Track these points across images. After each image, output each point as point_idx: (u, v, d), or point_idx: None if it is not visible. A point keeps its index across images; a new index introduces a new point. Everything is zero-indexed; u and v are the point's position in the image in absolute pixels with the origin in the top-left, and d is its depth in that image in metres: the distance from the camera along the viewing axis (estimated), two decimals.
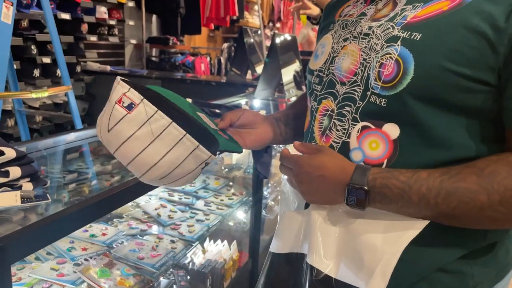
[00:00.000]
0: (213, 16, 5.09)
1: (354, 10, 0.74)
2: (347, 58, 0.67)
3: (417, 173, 0.58)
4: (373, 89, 0.62)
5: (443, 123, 0.58)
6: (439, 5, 0.60)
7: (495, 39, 0.54)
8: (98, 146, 1.62)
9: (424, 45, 0.58)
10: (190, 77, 3.61)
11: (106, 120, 0.62)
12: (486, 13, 0.55)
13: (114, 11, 3.61)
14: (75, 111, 2.25)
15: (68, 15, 2.98)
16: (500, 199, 0.54)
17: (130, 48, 4.18)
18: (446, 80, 0.56)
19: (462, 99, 0.57)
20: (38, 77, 2.87)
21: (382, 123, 0.61)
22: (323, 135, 0.69)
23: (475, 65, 0.55)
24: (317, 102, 0.71)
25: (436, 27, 0.58)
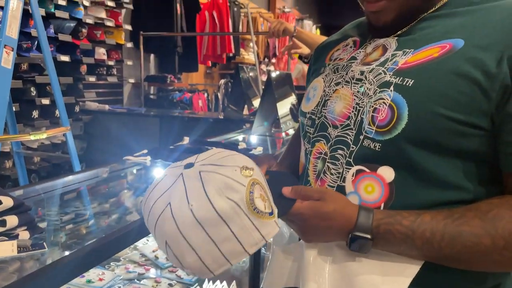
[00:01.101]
0: (210, 53, 5.21)
1: (344, 54, 0.76)
2: (340, 102, 0.68)
3: (420, 216, 0.58)
4: (366, 133, 0.63)
5: (438, 166, 0.59)
6: (429, 51, 0.62)
7: (487, 85, 0.56)
8: (95, 186, 1.63)
9: (416, 91, 0.59)
10: (188, 114, 3.65)
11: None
12: (477, 60, 0.57)
13: (113, 52, 3.70)
14: (73, 152, 2.26)
15: (68, 57, 3.04)
16: (505, 243, 0.54)
17: (129, 87, 4.25)
18: (440, 125, 0.57)
19: (457, 143, 0.58)
20: (37, 118, 2.90)
21: (376, 166, 0.62)
22: (318, 179, 0.69)
23: (468, 110, 0.57)
24: (311, 145, 0.72)
25: (428, 73, 0.60)
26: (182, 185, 0.55)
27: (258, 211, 0.56)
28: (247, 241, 0.54)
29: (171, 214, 0.53)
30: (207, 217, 0.52)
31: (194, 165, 0.58)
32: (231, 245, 0.54)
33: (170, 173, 0.59)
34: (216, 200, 0.53)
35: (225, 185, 0.54)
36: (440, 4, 0.66)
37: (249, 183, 0.56)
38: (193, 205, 0.53)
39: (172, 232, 0.53)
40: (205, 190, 0.53)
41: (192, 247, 0.53)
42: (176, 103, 4.49)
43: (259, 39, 6.62)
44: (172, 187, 0.55)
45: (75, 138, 3.13)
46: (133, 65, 4.12)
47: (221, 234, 0.53)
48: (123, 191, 1.66)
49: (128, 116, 3.47)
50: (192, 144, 1.98)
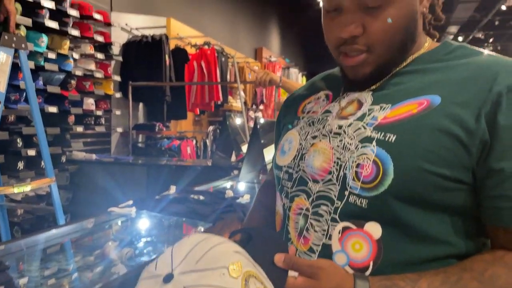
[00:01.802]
0: (198, 101, 5.30)
1: (317, 107, 0.76)
2: (319, 156, 0.67)
3: (416, 284, 0.56)
4: (352, 189, 0.62)
5: (426, 222, 0.59)
6: (407, 107, 0.63)
7: (467, 140, 0.58)
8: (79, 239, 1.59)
9: (400, 147, 0.60)
10: (175, 161, 3.65)
11: None
12: (456, 116, 0.59)
13: (101, 102, 3.73)
14: (58, 204, 2.22)
15: (56, 108, 3.06)
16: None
17: (117, 136, 4.26)
18: (426, 181, 0.58)
19: (443, 198, 0.59)
20: (22, 170, 2.86)
21: (363, 222, 0.61)
22: (300, 236, 0.67)
23: (452, 165, 0.58)
24: (289, 200, 0.70)
25: (410, 129, 0.61)
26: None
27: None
28: None
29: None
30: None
31: (174, 276, 0.51)
32: None
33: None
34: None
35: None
36: (410, 60, 0.69)
37: (242, 284, 0.51)
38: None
39: None
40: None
41: None
42: (165, 151, 4.49)
43: (247, 86, 6.78)
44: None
45: (61, 188, 3.08)
46: (122, 114, 4.15)
47: None
48: (107, 244, 1.62)
49: (115, 165, 3.45)
50: (178, 193, 1.96)
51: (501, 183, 0.57)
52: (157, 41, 4.35)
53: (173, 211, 1.66)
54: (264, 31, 8.97)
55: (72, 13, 3.18)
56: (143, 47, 4.31)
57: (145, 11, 4.72)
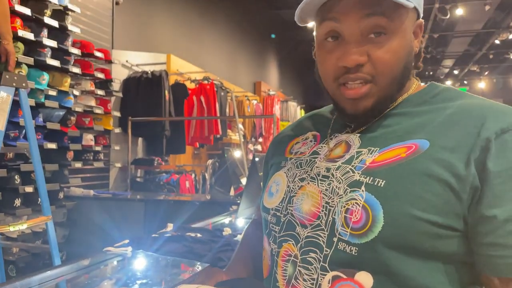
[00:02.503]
0: (197, 135, 5.33)
1: (304, 148, 0.74)
2: (307, 200, 0.66)
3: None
4: (340, 235, 0.60)
5: (417, 271, 0.57)
6: (396, 151, 0.62)
7: (458, 186, 0.57)
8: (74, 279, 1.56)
9: (389, 192, 0.58)
10: (173, 196, 3.63)
11: None
12: (446, 162, 0.58)
13: (100, 138, 3.75)
14: (54, 243, 2.19)
15: (55, 145, 3.07)
16: None
17: (115, 171, 4.25)
18: (416, 228, 0.57)
19: (433, 246, 0.57)
20: (19, 207, 2.84)
21: (354, 271, 0.59)
22: (289, 285, 0.65)
23: (442, 212, 0.57)
24: (277, 245, 0.68)
25: (399, 174, 0.59)
26: None
27: None
28: None
29: None
30: None
31: None
32: None
33: None
34: None
35: None
36: (398, 102, 0.69)
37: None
38: None
39: None
40: None
41: None
42: (163, 185, 4.48)
43: (246, 120, 6.83)
44: None
45: (58, 225, 3.05)
46: (121, 149, 4.17)
47: None
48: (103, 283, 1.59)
49: (113, 201, 3.43)
50: (175, 231, 1.94)
51: (493, 231, 0.56)
52: (157, 76, 4.42)
53: (170, 250, 1.64)
54: (262, 66, 9.14)
55: (74, 52, 3.25)
56: (143, 83, 4.38)
57: (145, 48, 4.83)
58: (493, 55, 10.89)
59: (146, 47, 4.86)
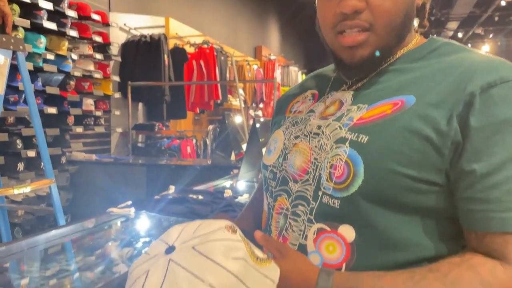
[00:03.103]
0: (197, 101, 5.31)
1: (303, 106, 0.76)
2: (299, 156, 0.68)
3: (380, 280, 0.56)
4: (325, 189, 0.62)
5: (397, 225, 0.59)
6: (382, 108, 0.63)
7: (439, 142, 0.57)
8: (79, 240, 1.60)
9: (371, 148, 0.60)
10: (175, 161, 3.66)
11: None
12: (428, 117, 0.58)
13: (100, 103, 3.74)
14: (58, 206, 2.23)
15: (55, 109, 3.07)
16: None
17: (116, 136, 4.26)
18: (396, 182, 0.58)
19: (414, 200, 0.58)
20: (22, 171, 2.88)
21: (337, 225, 0.61)
22: (280, 236, 0.68)
23: (422, 167, 0.57)
24: (273, 199, 0.71)
25: (382, 130, 0.60)
26: (181, 269, 0.51)
27: (260, 260, 0.56)
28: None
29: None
30: (228, 284, 0.51)
31: (176, 247, 0.54)
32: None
33: (151, 268, 0.54)
34: (228, 264, 0.52)
35: (227, 248, 0.53)
36: (396, 57, 0.68)
37: (242, 237, 0.56)
38: (209, 279, 0.50)
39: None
40: (213, 260, 0.51)
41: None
42: (164, 151, 4.50)
43: (247, 85, 6.77)
44: (169, 277, 0.51)
45: (61, 189, 3.09)
46: (121, 115, 4.16)
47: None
48: (107, 244, 1.63)
49: (114, 165, 3.46)
50: (177, 193, 1.97)
51: (472, 185, 0.56)
52: (156, 40, 4.35)
53: (172, 211, 1.67)
54: (263, 30, 8.96)
55: (70, 14, 3.19)
56: (142, 47, 4.31)
57: (143, 11, 4.72)
58: (498, 17, 10.65)
59: (144, 10, 4.75)
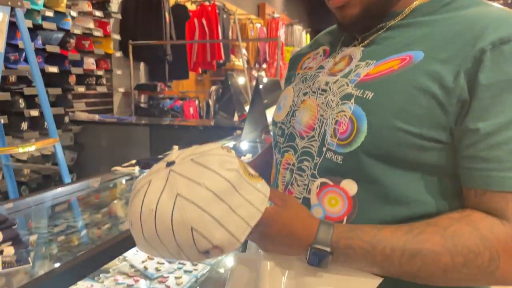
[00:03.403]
0: (200, 60, 5.23)
1: (313, 63, 0.75)
2: (306, 113, 0.68)
3: (380, 231, 0.57)
4: (329, 145, 0.63)
5: (399, 180, 0.59)
6: (390, 63, 0.61)
7: (445, 99, 0.56)
8: (84, 198, 1.63)
9: (375, 104, 0.59)
10: (178, 122, 3.66)
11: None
12: (435, 73, 0.56)
13: (102, 62, 3.69)
14: (63, 164, 2.25)
15: (56, 68, 3.04)
16: (464, 261, 0.54)
17: (119, 96, 4.24)
18: (398, 139, 0.57)
19: (417, 157, 0.58)
20: (26, 130, 2.89)
21: (340, 179, 0.62)
22: (286, 189, 0.69)
23: (426, 124, 0.56)
24: (281, 155, 0.73)
25: (387, 86, 0.59)
26: (180, 177, 0.56)
27: (252, 175, 0.60)
28: (256, 201, 0.57)
29: (187, 201, 0.54)
30: (222, 188, 0.55)
31: (176, 161, 0.58)
32: (246, 209, 0.56)
33: (153, 178, 0.58)
34: (222, 172, 0.56)
35: (222, 160, 0.57)
36: (408, 12, 0.65)
37: (236, 156, 0.60)
38: (205, 183, 0.55)
39: (196, 215, 0.54)
40: (209, 168, 0.56)
41: (217, 221, 0.54)
42: (167, 111, 4.49)
43: (249, 44, 6.65)
44: (170, 184, 0.55)
45: (66, 148, 3.12)
46: (123, 74, 4.12)
47: (236, 201, 0.55)
48: (112, 202, 1.66)
49: (118, 125, 3.47)
50: None
51: (475, 144, 0.55)
52: None
53: None
54: None
55: None
56: (142, 4, 4.20)
57: None
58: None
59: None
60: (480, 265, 0.54)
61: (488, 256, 0.53)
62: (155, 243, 0.57)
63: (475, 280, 0.55)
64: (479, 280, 0.55)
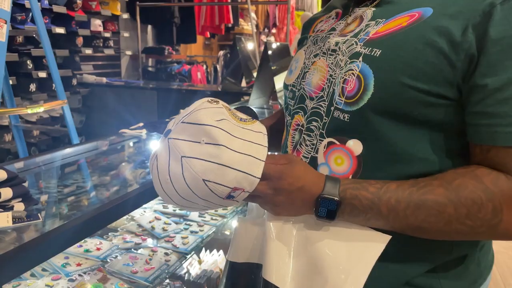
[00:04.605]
0: (208, 24, 5.14)
1: (325, 25, 0.76)
2: (316, 74, 0.69)
3: (386, 184, 0.58)
4: (337, 104, 0.63)
5: (405, 138, 0.59)
6: (399, 20, 0.61)
7: (452, 54, 0.55)
8: (93, 159, 1.65)
9: (383, 61, 0.59)
10: (186, 86, 3.64)
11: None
12: (443, 28, 0.56)
13: (109, 24, 3.65)
14: (71, 125, 2.27)
15: (63, 29, 3.01)
16: (467, 212, 0.54)
17: (126, 59, 4.21)
18: (405, 95, 0.57)
19: (423, 114, 0.58)
20: (35, 92, 2.90)
21: (345, 139, 0.63)
22: (295, 150, 0.70)
23: (433, 80, 0.56)
24: (291, 117, 0.73)
25: (395, 43, 0.59)
26: (179, 141, 0.58)
27: (244, 120, 0.62)
28: (257, 140, 0.60)
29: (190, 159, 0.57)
30: (222, 137, 0.57)
31: (171, 129, 0.61)
32: (250, 147, 0.59)
33: (158, 152, 0.61)
34: (217, 123, 0.58)
35: (210, 113, 0.60)
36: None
37: (224, 105, 0.63)
38: (204, 140, 0.57)
39: (202, 167, 0.56)
40: (203, 124, 0.58)
41: (224, 165, 0.57)
42: (175, 75, 4.47)
43: (259, 8, 6.50)
44: (172, 150, 0.58)
45: (74, 111, 3.14)
46: (130, 37, 4.07)
47: (236, 144, 0.58)
48: (120, 164, 1.68)
49: (125, 89, 3.47)
50: None
51: (483, 100, 0.55)
52: None
53: None
54: None
55: None
56: None
57: None
58: None
59: None
60: (483, 217, 0.54)
61: (492, 208, 0.54)
62: (187, 204, 0.61)
63: (478, 233, 0.56)
64: (482, 234, 0.56)
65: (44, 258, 0.86)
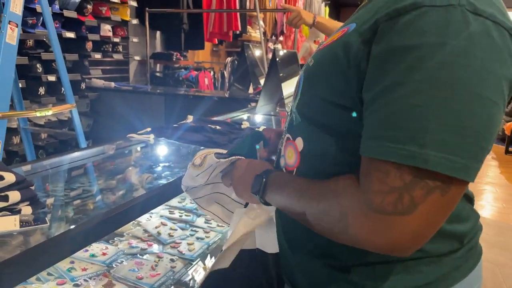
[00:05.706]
0: (216, 31, 5.16)
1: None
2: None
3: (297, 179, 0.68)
4: (293, 106, 0.73)
5: (324, 141, 0.64)
6: (336, 34, 0.64)
7: (348, 70, 0.58)
8: (101, 163, 1.65)
9: (310, 71, 0.66)
10: (193, 92, 3.65)
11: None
12: (347, 44, 0.58)
13: (118, 29, 3.67)
14: (79, 129, 2.28)
15: (73, 34, 3.04)
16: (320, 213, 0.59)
17: (134, 64, 4.24)
18: (317, 105, 0.63)
19: (335, 123, 0.62)
20: (44, 95, 2.92)
21: (295, 136, 0.70)
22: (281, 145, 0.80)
23: (337, 93, 0.60)
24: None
25: (321, 56, 0.65)
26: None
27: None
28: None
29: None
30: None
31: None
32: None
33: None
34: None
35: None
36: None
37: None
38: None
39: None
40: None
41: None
42: (182, 81, 4.48)
43: (267, 15, 6.52)
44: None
45: (82, 115, 3.16)
46: (139, 42, 4.10)
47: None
48: (127, 169, 1.68)
49: (133, 93, 3.48)
50: (195, 123, 1.99)
51: (364, 112, 0.58)
52: None
53: (190, 139, 1.69)
54: None
55: None
56: None
57: None
58: None
59: None
60: (333, 220, 0.56)
61: (339, 212, 0.56)
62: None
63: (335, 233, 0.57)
64: (338, 234, 0.57)
65: (51, 263, 0.85)
